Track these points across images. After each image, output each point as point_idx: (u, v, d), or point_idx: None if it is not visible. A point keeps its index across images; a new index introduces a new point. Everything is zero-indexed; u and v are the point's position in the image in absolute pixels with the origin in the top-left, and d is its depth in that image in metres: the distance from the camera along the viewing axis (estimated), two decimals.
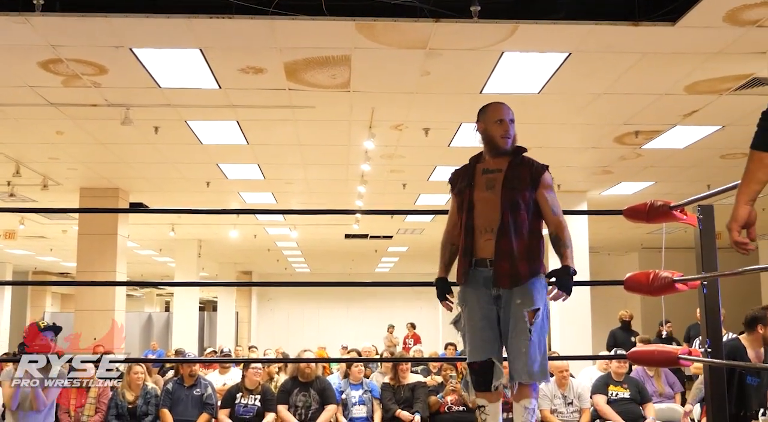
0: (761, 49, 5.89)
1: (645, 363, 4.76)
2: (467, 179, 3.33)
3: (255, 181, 11.01)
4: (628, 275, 4.22)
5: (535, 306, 3.11)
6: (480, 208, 3.24)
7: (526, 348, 3.07)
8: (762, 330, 4.77)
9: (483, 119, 3.38)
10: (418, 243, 18.95)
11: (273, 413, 6.82)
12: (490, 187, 3.25)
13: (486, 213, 3.22)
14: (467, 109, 7.43)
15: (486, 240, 3.20)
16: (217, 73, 6.42)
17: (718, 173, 10.31)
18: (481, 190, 3.26)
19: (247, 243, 18.45)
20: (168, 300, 38.14)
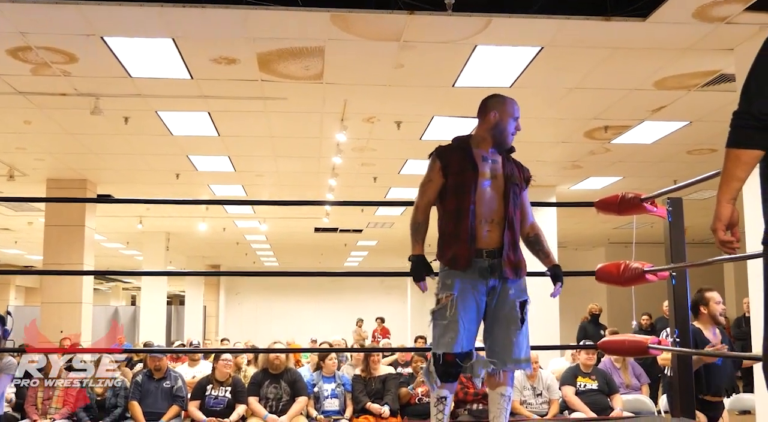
0: (728, 45, 5.99)
1: (616, 352, 4.83)
2: (468, 161, 3.20)
3: (225, 173, 10.95)
4: (600, 266, 4.28)
5: (525, 297, 3.16)
6: (481, 195, 3.14)
7: (515, 337, 3.10)
8: (705, 310, 4.94)
9: (500, 110, 3.28)
10: (388, 238, 18.97)
11: (244, 405, 6.80)
12: (493, 175, 3.19)
13: (488, 202, 3.14)
14: (439, 102, 7.49)
15: (488, 230, 3.13)
16: (189, 63, 6.38)
17: (684, 169, 10.46)
18: (485, 176, 3.17)
19: (215, 237, 18.34)
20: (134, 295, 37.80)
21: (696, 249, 4.13)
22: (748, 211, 5.73)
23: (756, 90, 2.06)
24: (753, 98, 2.06)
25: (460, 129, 8.48)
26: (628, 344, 4.19)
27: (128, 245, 20.31)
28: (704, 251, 19.67)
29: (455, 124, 8.26)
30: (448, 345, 3.06)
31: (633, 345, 4.17)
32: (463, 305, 3.08)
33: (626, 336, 4.35)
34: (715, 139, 8.96)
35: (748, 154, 2.07)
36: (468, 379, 7.04)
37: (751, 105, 2.05)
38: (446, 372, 3.09)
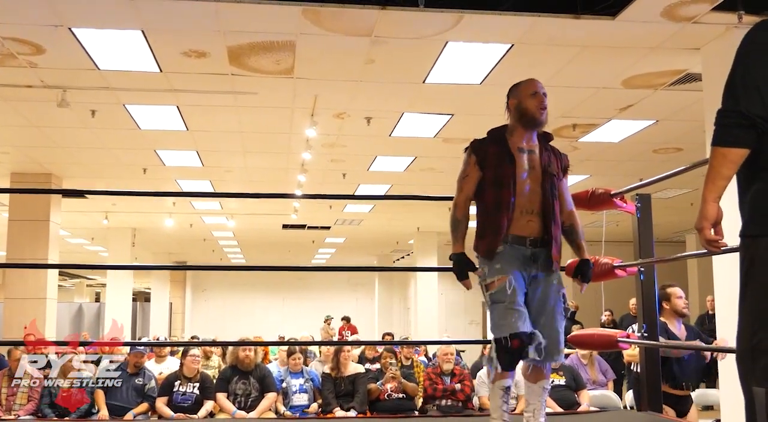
0: (695, 45, 6.07)
1: (585, 346, 4.89)
2: (507, 155, 3.17)
3: (193, 168, 10.87)
4: (570, 261, 4.31)
5: (564, 289, 3.15)
6: (521, 187, 3.12)
7: (559, 330, 3.08)
8: (667, 305, 5.03)
9: (515, 95, 3.27)
10: (356, 235, 18.98)
11: (212, 401, 6.75)
12: (531, 166, 3.16)
13: (527, 193, 3.12)
14: (410, 98, 7.50)
15: (528, 220, 3.11)
16: (159, 56, 6.32)
17: (650, 167, 10.58)
18: (522, 168, 3.15)
19: (182, 233, 18.20)
20: (98, 291, 37.36)
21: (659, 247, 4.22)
22: None
23: (742, 88, 2.07)
24: (740, 97, 2.06)
25: (429, 125, 8.51)
26: (597, 338, 4.24)
27: (93, 241, 20.07)
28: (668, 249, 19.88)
29: (425, 120, 8.28)
30: (513, 326, 2.96)
31: (602, 339, 4.22)
32: (517, 287, 3.02)
33: (595, 331, 4.40)
34: (681, 138, 9.09)
35: (734, 153, 2.07)
36: (438, 375, 7.07)
37: (738, 103, 2.06)
38: (512, 358, 2.99)
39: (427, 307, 18.06)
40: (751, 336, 2.06)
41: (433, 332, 17.41)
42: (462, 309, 22.70)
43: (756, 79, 2.07)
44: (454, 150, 9.69)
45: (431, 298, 18.16)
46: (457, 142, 9.26)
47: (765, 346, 2.02)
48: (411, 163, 10.57)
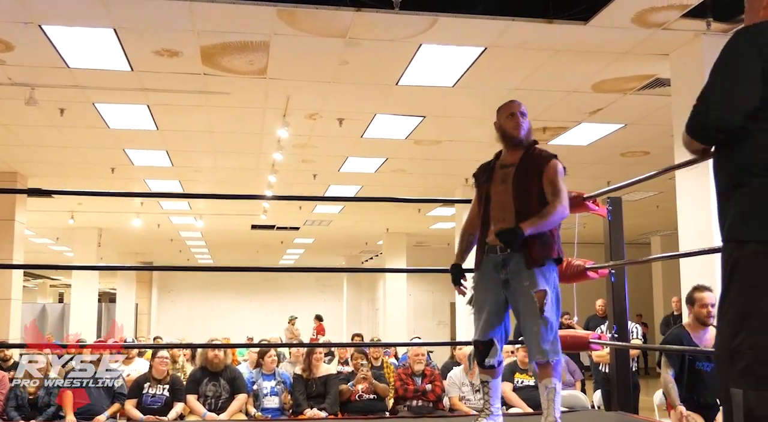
0: (664, 50, 6.17)
1: None
2: (487, 174, 3.52)
3: (162, 168, 10.78)
4: None
5: (541, 288, 3.23)
6: (495, 200, 3.41)
7: (537, 328, 3.23)
8: (691, 310, 4.85)
9: (498, 117, 3.53)
10: (325, 235, 18.96)
11: (182, 403, 6.70)
12: (504, 180, 3.41)
13: (500, 204, 3.39)
14: (382, 99, 7.52)
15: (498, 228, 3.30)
16: (130, 55, 6.27)
17: (617, 170, 10.73)
18: (497, 184, 3.43)
19: (149, 233, 18.04)
20: (62, 292, 36.87)
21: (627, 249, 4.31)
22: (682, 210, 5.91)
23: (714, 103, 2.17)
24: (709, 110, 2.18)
25: (401, 127, 8.54)
26: (570, 339, 4.28)
27: (58, 241, 19.80)
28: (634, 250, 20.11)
29: (397, 122, 8.31)
30: (475, 334, 3.43)
31: (574, 341, 4.27)
32: (481, 297, 3.42)
33: (568, 332, 4.44)
34: (649, 142, 9.22)
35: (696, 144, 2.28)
36: (408, 375, 7.10)
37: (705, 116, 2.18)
38: (479, 358, 3.44)
39: (396, 308, 18.10)
40: (731, 338, 2.10)
41: (402, 333, 17.45)
42: (430, 310, 22.76)
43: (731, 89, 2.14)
44: (426, 152, 9.74)
45: (400, 299, 18.20)
46: (428, 143, 9.31)
47: (744, 349, 2.06)
48: (382, 165, 10.60)
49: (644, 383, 14.46)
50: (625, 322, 4.39)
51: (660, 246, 18.37)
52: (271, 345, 7.91)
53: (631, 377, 4.46)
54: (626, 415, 4.22)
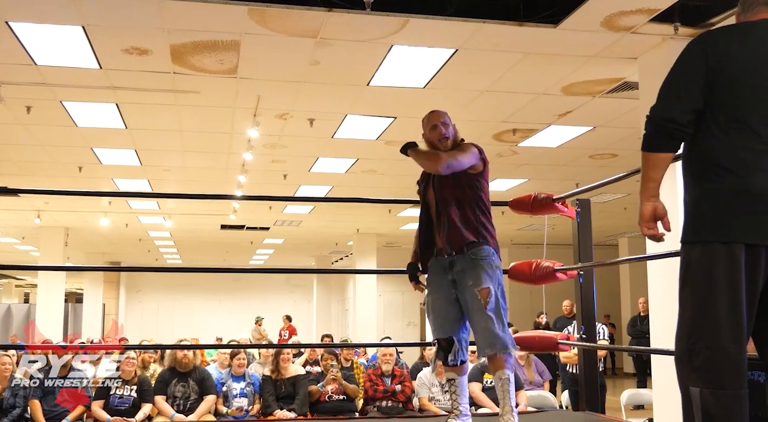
0: (633, 54, 6.24)
1: (526, 348, 4.96)
2: (424, 181, 3.68)
3: (130, 167, 10.68)
4: (512, 264, 4.39)
5: (484, 286, 3.35)
6: (432, 205, 3.57)
7: (485, 324, 3.33)
8: None
9: (423, 127, 3.66)
10: (295, 236, 18.90)
11: (150, 404, 6.65)
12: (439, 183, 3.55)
13: (440, 208, 3.53)
14: (353, 100, 7.52)
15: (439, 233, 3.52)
16: (99, 53, 6.20)
17: (586, 172, 10.82)
18: (433, 187, 3.57)
19: (117, 233, 17.85)
20: (28, 292, 36.38)
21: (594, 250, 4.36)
22: None
23: (665, 97, 2.24)
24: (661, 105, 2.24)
25: (372, 128, 8.54)
26: (539, 340, 4.32)
27: (24, 240, 19.53)
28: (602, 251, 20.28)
29: (368, 122, 8.31)
30: (435, 333, 3.56)
31: (543, 341, 4.30)
32: (435, 297, 3.55)
33: (537, 333, 4.48)
34: (617, 144, 9.32)
35: (657, 157, 2.26)
36: (378, 376, 7.11)
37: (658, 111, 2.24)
38: (443, 356, 3.54)
39: (366, 309, 18.10)
40: (687, 338, 2.16)
41: (372, 333, 17.46)
42: (400, 311, 22.81)
43: (680, 86, 2.22)
44: (396, 153, 9.70)
45: (370, 300, 18.20)
46: (399, 144, 9.26)
47: (699, 348, 2.12)
48: (352, 165, 10.59)
49: (611, 383, 14.63)
50: (593, 323, 4.44)
51: (627, 248, 18.57)
52: (241, 346, 7.87)
53: (598, 377, 4.50)
54: (593, 415, 4.26)
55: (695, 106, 2.20)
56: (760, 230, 2.10)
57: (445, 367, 3.57)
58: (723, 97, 2.18)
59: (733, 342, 2.08)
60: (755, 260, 2.11)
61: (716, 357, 2.09)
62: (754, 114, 2.14)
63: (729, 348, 2.08)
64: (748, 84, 2.15)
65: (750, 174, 2.11)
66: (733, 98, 2.16)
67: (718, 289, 2.11)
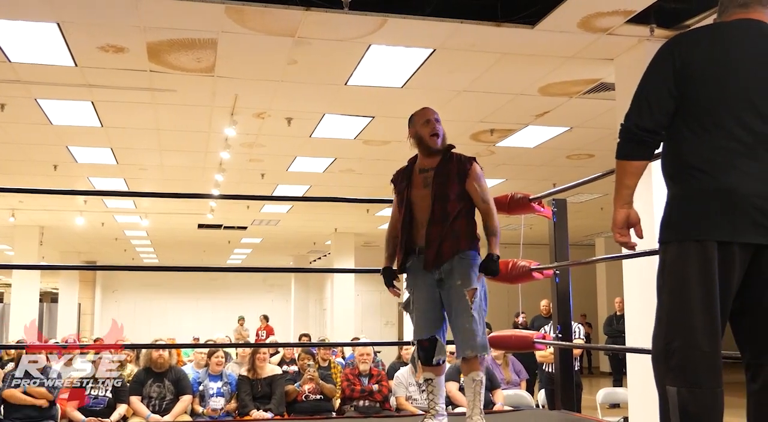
0: (609, 55, 6.28)
1: (504, 347, 4.98)
2: (406, 179, 3.62)
3: (106, 165, 10.60)
4: None
5: (473, 286, 3.37)
6: (418, 204, 3.53)
7: (469, 325, 3.33)
8: None
9: (412, 125, 3.65)
10: (273, 235, 18.85)
11: (125, 404, 6.60)
12: (426, 184, 3.53)
13: (422, 208, 3.50)
14: (331, 99, 7.51)
15: (423, 232, 3.48)
16: (74, 50, 6.14)
17: (563, 172, 10.88)
18: (419, 188, 3.55)
19: (93, 232, 17.70)
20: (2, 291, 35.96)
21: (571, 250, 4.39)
22: None
23: (636, 104, 2.27)
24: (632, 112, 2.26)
25: (350, 127, 8.53)
26: (515, 339, 4.34)
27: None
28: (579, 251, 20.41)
29: (346, 122, 8.31)
30: (417, 334, 3.53)
31: (519, 340, 4.32)
32: (417, 299, 3.54)
33: (513, 332, 4.50)
34: (593, 145, 9.38)
35: (633, 165, 2.27)
36: (355, 376, 7.11)
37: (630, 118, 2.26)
38: (423, 356, 3.52)
39: (344, 308, 18.09)
40: (663, 337, 2.18)
41: (350, 333, 17.44)
42: (378, 311, 22.81)
43: (649, 92, 2.25)
44: (374, 152, 9.75)
45: (348, 299, 18.19)
46: (377, 144, 9.32)
47: (675, 347, 2.14)
48: (330, 164, 10.58)
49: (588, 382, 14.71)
50: (569, 322, 4.47)
51: (604, 248, 18.70)
52: (217, 346, 7.84)
53: (574, 376, 4.53)
54: (569, 414, 4.29)
55: (666, 110, 2.22)
56: (733, 228, 2.11)
57: (425, 367, 3.54)
58: (693, 99, 2.19)
59: (709, 340, 2.09)
60: (729, 258, 2.12)
61: (692, 355, 2.10)
62: (726, 113, 2.15)
63: (704, 346, 2.09)
64: (719, 84, 2.17)
65: (722, 173, 2.13)
66: (703, 99, 2.18)
67: (692, 288, 2.12)
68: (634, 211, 2.29)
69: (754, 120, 2.14)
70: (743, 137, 2.13)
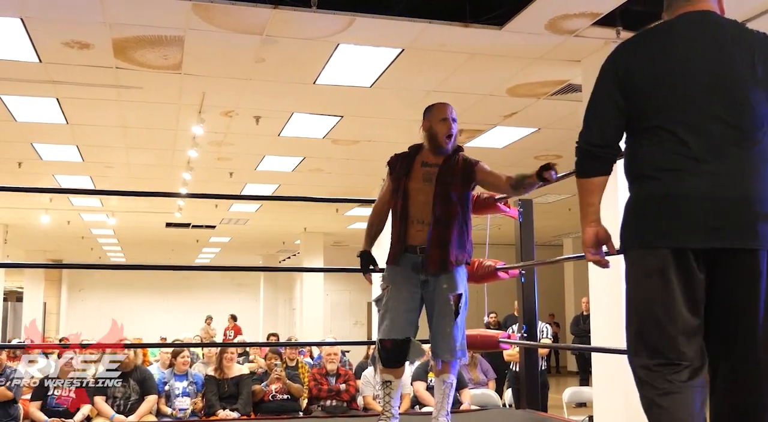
0: (576, 57, 6.33)
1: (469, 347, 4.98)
2: (405, 168, 3.48)
3: (72, 163, 10.47)
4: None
5: (459, 291, 3.33)
6: (414, 198, 3.40)
7: (450, 329, 3.29)
8: None
9: (429, 117, 3.54)
10: (242, 234, 18.75)
11: (89, 405, 6.53)
12: (426, 179, 3.42)
13: (420, 203, 3.39)
14: (300, 98, 7.48)
15: (417, 230, 3.37)
16: (39, 46, 6.06)
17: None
18: (418, 181, 3.42)
19: (59, 230, 17.47)
20: None
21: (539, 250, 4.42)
22: None
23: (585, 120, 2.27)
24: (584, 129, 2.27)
25: (319, 126, 8.51)
26: (480, 339, 4.35)
27: None
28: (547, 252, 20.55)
29: (315, 121, 8.28)
30: (384, 332, 3.34)
31: (485, 340, 4.34)
32: (396, 295, 3.37)
33: (479, 331, 4.51)
34: (561, 146, 9.44)
35: (592, 182, 2.26)
36: (322, 375, 7.09)
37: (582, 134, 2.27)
38: (387, 357, 3.36)
39: (313, 308, 18.05)
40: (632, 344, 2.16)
41: (319, 333, 17.41)
42: (347, 310, 22.79)
43: (596, 107, 2.24)
44: (343, 151, 9.74)
45: (317, 299, 18.15)
46: (345, 143, 9.31)
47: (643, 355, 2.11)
48: (299, 164, 10.54)
49: (555, 381, 14.83)
50: (535, 322, 4.49)
51: (572, 248, 18.84)
52: (184, 345, 7.79)
53: (539, 375, 4.55)
54: (534, 413, 4.31)
55: (614, 123, 2.20)
56: (683, 234, 2.06)
57: (385, 369, 3.40)
58: (640, 106, 2.16)
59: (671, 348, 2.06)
60: (685, 264, 2.07)
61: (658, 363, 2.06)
62: (675, 117, 2.10)
63: (669, 354, 2.05)
64: (665, 88, 2.12)
65: (671, 179, 2.08)
66: (650, 106, 2.14)
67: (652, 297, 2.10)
68: (602, 228, 2.25)
69: (704, 121, 2.08)
70: (692, 141, 2.07)
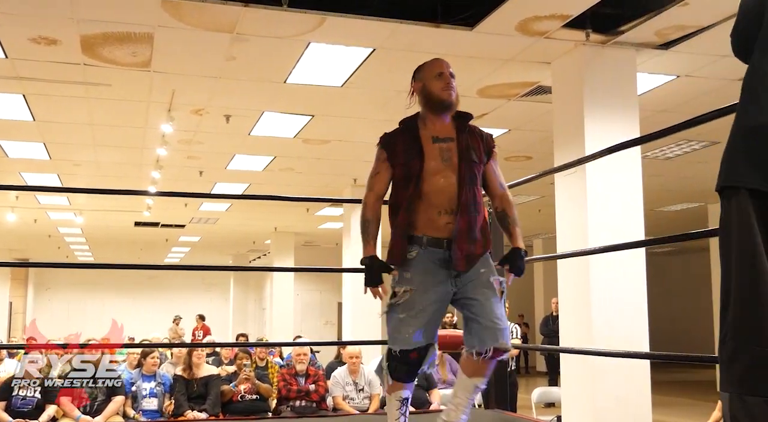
0: (547, 59, 6.36)
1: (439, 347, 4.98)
2: (416, 148, 2.83)
3: (39, 160, 10.33)
4: None
5: (495, 276, 2.81)
6: (435, 183, 2.78)
7: (500, 311, 2.74)
8: None
9: (419, 77, 2.97)
10: (212, 233, 18.63)
11: (54, 405, 6.44)
12: (445, 158, 2.81)
13: (443, 188, 2.78)
14: (270, 97, 7.45)
15: (446, 222, 2.77)
16: (5, 42, 5.97)
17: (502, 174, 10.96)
18: (435, 160, 2.81)
19: (25, 228, 17.24)
20: None
21: None
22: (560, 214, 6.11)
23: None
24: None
25: (290, 125, 8.48)
26: (450, 339, 4.35)
27: None
28: None
29: (285, 120, 8.25)
30: (407, 341, 2.75)
31: (453, 340, 4.34)
32: (420, 300, 2.76)
33: (447, 332, 4.52)
34: (531, 147, 9.50)
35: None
36: (292, 375, 7.06)
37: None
38: (409, 370, 2.81)
39: (283, 308, 18.00)
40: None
41: (289, 333, 17.36)
42: (317, 310, 22.74)
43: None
44: (314, 151, 9.71)
45: (287, 299, 18.11)
46: (316, 143, 9.28)
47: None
48: (270, 163, 10.50)
49: (524, 381, 14.92)
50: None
51: (542, 249, 18.97)
52: (152, 345, 7.71)
53: (508, 375, 4.57)
54: (503, 413, 4.33)
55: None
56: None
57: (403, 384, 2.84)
58: None
59: None
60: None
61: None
62: None
63: None
64: None
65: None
66: None
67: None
68: None
69: None
70: None
